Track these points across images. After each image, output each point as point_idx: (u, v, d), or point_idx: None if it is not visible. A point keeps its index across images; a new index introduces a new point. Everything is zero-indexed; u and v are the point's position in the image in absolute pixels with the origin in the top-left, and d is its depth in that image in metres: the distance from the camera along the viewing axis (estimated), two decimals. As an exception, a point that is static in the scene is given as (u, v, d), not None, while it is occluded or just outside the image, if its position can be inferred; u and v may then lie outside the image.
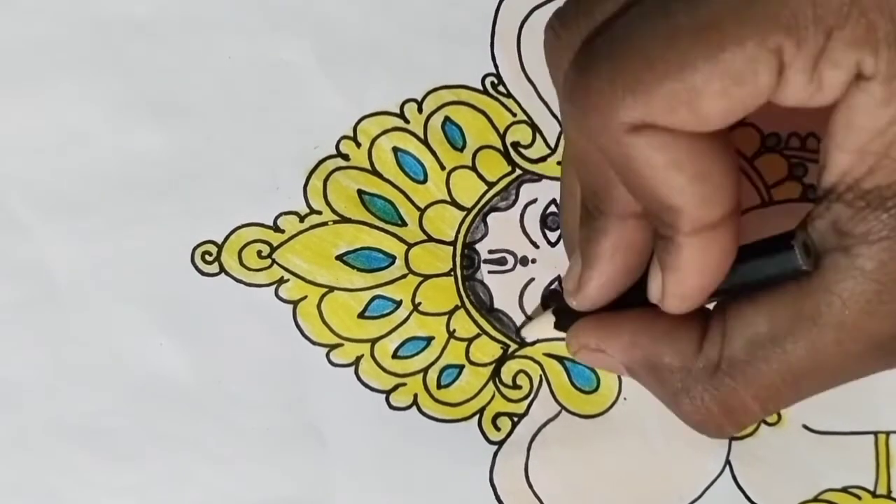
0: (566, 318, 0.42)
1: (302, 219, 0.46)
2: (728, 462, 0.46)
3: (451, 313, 0.46)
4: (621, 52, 0.32)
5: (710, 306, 0.37)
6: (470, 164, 0.46)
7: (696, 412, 0.36)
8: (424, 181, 0.46)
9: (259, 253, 0.46)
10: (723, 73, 0.30)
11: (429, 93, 0.46)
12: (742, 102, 0.31)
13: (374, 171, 0.46)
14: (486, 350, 0.46)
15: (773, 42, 0.30)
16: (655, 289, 0.36)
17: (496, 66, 0.46)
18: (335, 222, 0.46)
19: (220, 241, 0.45)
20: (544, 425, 0.46)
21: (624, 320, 0.38)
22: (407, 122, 0.46)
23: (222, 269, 0.45)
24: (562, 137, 0.46)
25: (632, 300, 0.38)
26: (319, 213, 0.46)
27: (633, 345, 0.38)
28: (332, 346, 0.46)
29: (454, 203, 0.46)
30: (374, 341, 0.46)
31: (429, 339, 0.46)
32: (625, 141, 0.32)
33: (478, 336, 0.46)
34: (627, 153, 0.32)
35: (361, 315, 0.46)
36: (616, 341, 0.38)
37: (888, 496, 0.47)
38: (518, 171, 0.46)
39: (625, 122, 0.32)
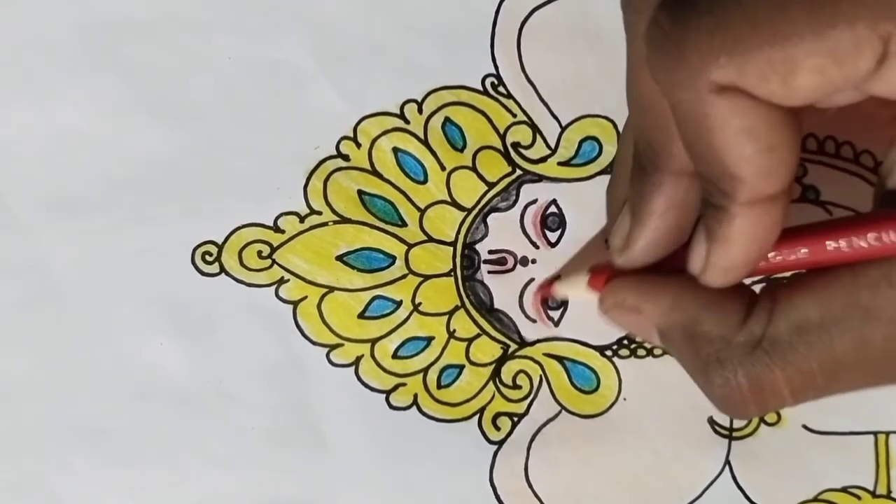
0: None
1: (302, 219, 0.46)
2: (728, 462, 0.46)
3: (451, 313, 0.46)
4: (725, 9, 0.30)
5: (756, 288, 0.37)
6: (470, 164, 0.46)
7: (724, 385, 0.35)
8: (424, 182, 0.46)
9: (259, 253, 0.46)
10: (827, 50, 0.30)
11: (429, 93, 0.46)
12: (834, 83, 0.30)
13: (375, 172, 0.46)
14: (487, 350, 0.46)
15: (884, 29, 0.29)
16: (698, 259, 0.35)
17: (496, 67, 0.46)
18: (335, 223, 0.46)
19: (220, 241, 0.45)
20: (544, 425, 0.46)
21: (667, 281, 0.37)
22: (407, 122, 0.46)
23: (222, 270, 0.45)
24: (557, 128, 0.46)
25: (670, 268, 0.37)
26: (320, 213, 0.46)
27: (674, 307, 0.36)
28: (333, 347, 0.46)
29: (454, 203, 0.46)
30: (374, 341, 0.46)
31: (429, 340, 0.46)
32: (708, 100, 0.31)
33: (478, 336, 0.46)
34: (706, 113, 0.31)
35: (361, 315, 0.46)
36: (657, 301, 0.37)
37: (888, 496, 0.47)
38: (518, 172, 0.46)
39: (713, 82, 0.31)
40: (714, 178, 0.33)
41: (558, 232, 0.46)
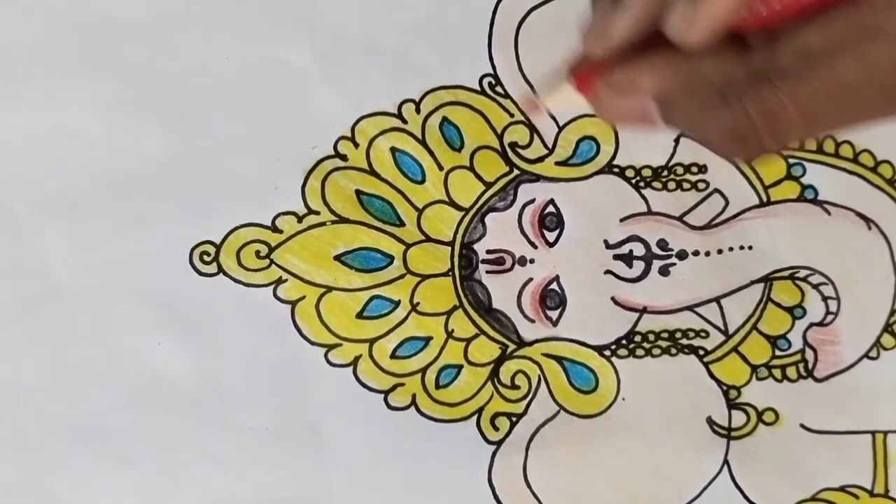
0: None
1: (300, 219, 0.46)
2: (726, 462, 0.46)
3: (449, 313, 0.46)
4: None
5: None
6: (468, 164, 0.46)
7: (735, 121, 0.34)
8: (422, 181, 0.46)
9: (257, 253, 0.46)
10: None
11: (427, 93, 0.46)
12: None
13: (372, 172, 0.46)
14: (485, 350, 0.46)
15: None
16: (679, 17, 0.34)
17: (494, 67, 0.46)
18: (333, 222, 0.46)
19: (218, 241, 0.45)
20: (543, 425, 0.46)
21: (655, 51, 0.36)
22: (405, 122, 0.46)
23: (220, 270, 0.45)
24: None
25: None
26: (317, 213, 0.46)
27: (669, 66, 0.35)
28: (331, 346, 0.46)
29: (452, 203, 0.46)
30: (372, 341, 0.46)
31: (427, 339, 0.46)
32: None
33: (476, 336, 0.46)
34: None
35: (360, 315, 0.46)
36: (651, 68, 0.36)
37: (886, 495, 0.47)
38: (516, 172, 0.46)
39: None
40: None
41: (556, 231, 0.46)
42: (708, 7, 0.34)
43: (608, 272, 0.46)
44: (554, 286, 0.46)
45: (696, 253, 0.47)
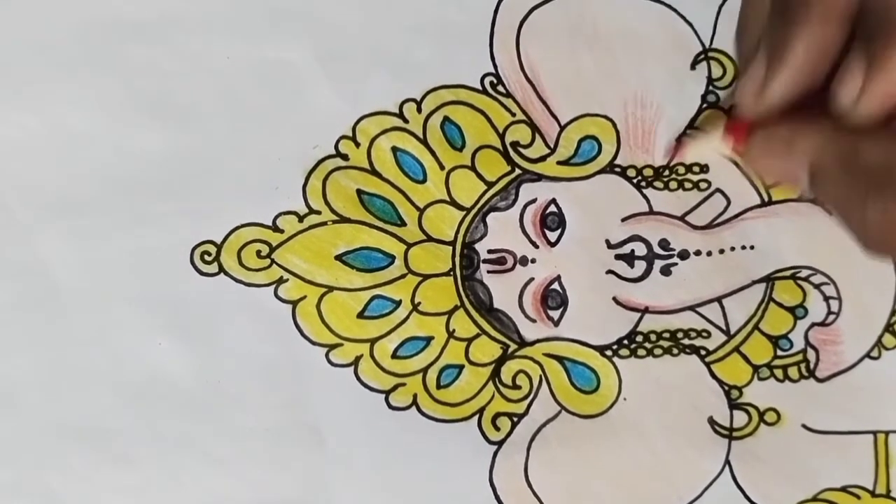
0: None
1: (301, 219, 0.46)
2: (727, 462, 0.46)
3: (450, 313, 0.46)
4: None
5: None
6: (469, 163, 0.46)
7: (883, 216, 0.33)
8: (424, 181, 0.46)
9: (258, 253, 0.46)
10: None
11: (428, 92, 0.46)
12: None
13: (374, 171, 0.46)
14: (486, 350, 0.46)
15: None
16: (852, 88, 0.34)
17: (495, 66, 0.46)
18: (334, 222, 0.46)
19: (219, 240, 0.45)
20: (544, 425, 0.46)
21: (818, 118, 0.35)
22: (406, 121, 0.46)
23: (221, 269, 0.45)
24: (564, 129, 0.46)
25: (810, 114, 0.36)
26: (319, 212, 0.46)
27: (831, 137, 0.35)
28: (332, 346, 0.46)
29: (453, 203, 0.46)
30: (373, 341, 0.46)
31: (428, 339, 0.46)
32: None
33: (477, 336, 0.46)
34: None
35: (361, 315, 0.46)
36: (811, 133, 0.35)
37: (887, 495, 0.47)
38: (517, 171, 0.46)
39: None
40: (882, 8, 0.32)
41: (558, 231, 0.46)
42: (887, 78, 0.32)
43: (610, 272, 0.46)
44: (555, 286, 0.46)
45: (697, 253, 0.47)
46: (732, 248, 0.47)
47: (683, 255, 0.47)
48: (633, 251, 0.47)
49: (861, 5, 0.33)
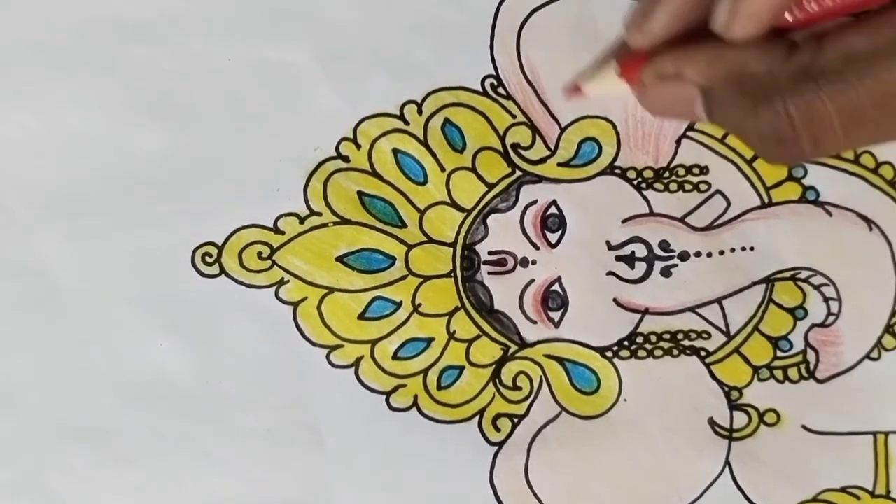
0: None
1: (302, 220, 0.46)
2: (727, 463, 0.46)
3: (451, 314, 0.46)
4: None
5: None
6: (470, 165, 0.46)
7: (775, 120, 0.34)
8: (424, 182, 0.46)
9: (259, 254, 0.46)
10: None
11: (428, 94, 0.46)
12: None
13: (374, 173, 0.46)
14: (487, 351, 0.46)
15: None
16: (722, 11, 0.34)
17: (496, 68, 0.46)
18: (335, 224, 0.46)
19: (220, 242, 0.45)
20: (544, 426, 0.46)
21: (702, 42, 0.36)
22: (407, 123, 0.46)
23: (222, 271, 0.45)
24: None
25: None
26: (319, 214, 0.46)
27: (715, 58, 0.35)
28: (333, 348, 0.46)
29: (454, 204, 0.46)
30: (374, 342, 0.46)
31: (429, 341, 0.46)
32: None
33: (478, 337, 0.46)
34: None
35: (361, 316, 0.46)
36: (696, 58, 0.36)
37: (887, 496, 0.47)
38: (518, 173, 0.46)
39: None
40: None
41: (558, 233, 0.46)
42: (752, 2, 0.33)
43: (610, 273, 0.46)
44: (556, 287, 0.46)
45: (697, 254, 0.47)
46: (732, 250, 0.47)
47: (683, 256, 0.47)
48: (633, 252, 0.47)
49: None
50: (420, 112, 0.46)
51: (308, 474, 0.45)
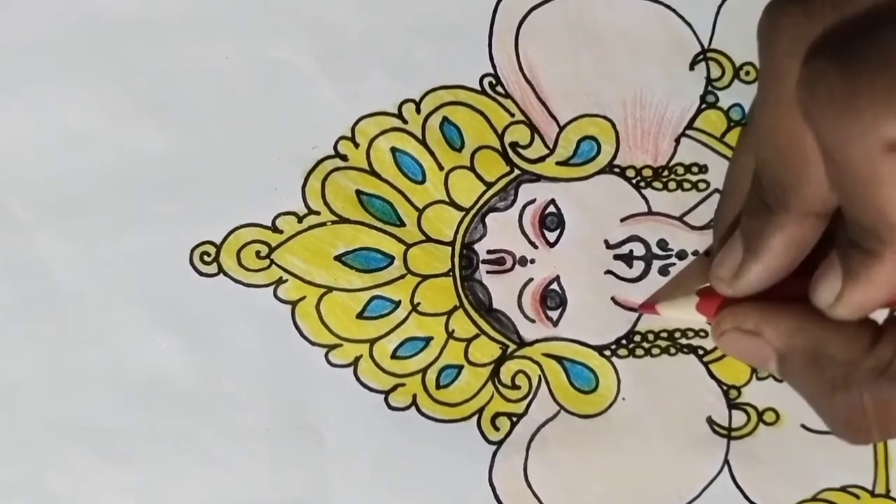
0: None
1: (300, 219, 0.46)
2: (727, 462, 0.46)
3: (449, 313, 0.46)
4: None
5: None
6: (468, 164, 0.46)
7: (849, 409, 0.35)
8: (423, 181, 0.46)
9: (258, 253, 0.46)
10: None
11: (427, 93, 0.46)
12: None
13: (373, 172, 0.46)
14: (485, 350, 0.46)
15: None
16: (829, 293, 0.34)
17: (494, 67, 0.46)
18: (334, 223, 0.46)
19: (218, 241, 0.45)
20: (543, 425, 0.46)
21: (788, 306, 0.36)
22: (405, 122, 0.46)
23: (221, 270, 0.45)
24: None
25: (782, 294, 0.37)
26: (318, 213, 0.46)
27: (798, 329, 0.36)
28: (331, 347, 0.46)
29: (452, 203, 0.46)
30: (372, 341, 0.46)
31: (428, 340, 0.46)
32: (878, 156, 0.30)
33: (477, 336, 0.46)
34: (875, 168, 0.31)
35: (360, 315, 0.46)
36: (779, 324, 0.36)
37: (887, 495, 0.47)
38: (516, 172, 0.46)
39: (886, 140, 0.30)
40: (871, 226, 0.32)
41: (557, 231, 0.46)
42: (863, 291, 0.34)
43: (608, 272, 0.46)
44: (554, 286, 0.46)
45: (695, 253, 0.47)
46: (731, 249, 0.47)
47: (682, 255, 0.47)
48: (631, 251, 0.47)
49: (841, 208, 0.34)
50: (418, 111, 0.46)
51: (306, 473, 0.45)
